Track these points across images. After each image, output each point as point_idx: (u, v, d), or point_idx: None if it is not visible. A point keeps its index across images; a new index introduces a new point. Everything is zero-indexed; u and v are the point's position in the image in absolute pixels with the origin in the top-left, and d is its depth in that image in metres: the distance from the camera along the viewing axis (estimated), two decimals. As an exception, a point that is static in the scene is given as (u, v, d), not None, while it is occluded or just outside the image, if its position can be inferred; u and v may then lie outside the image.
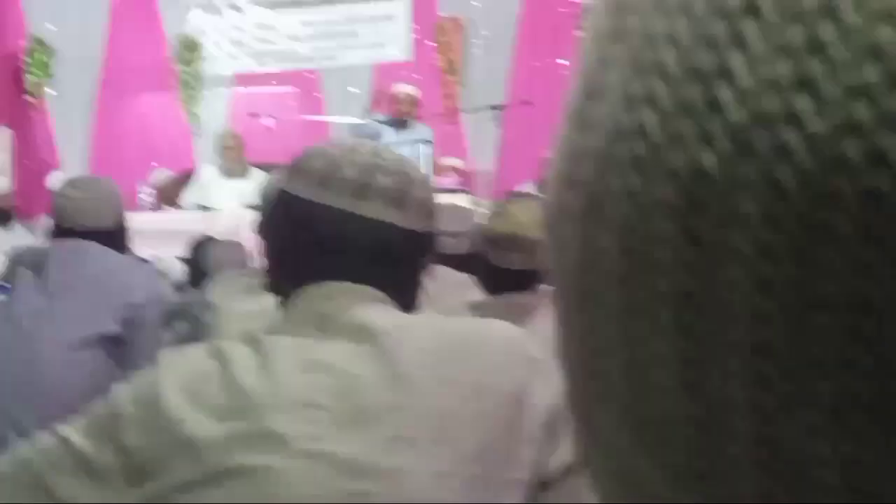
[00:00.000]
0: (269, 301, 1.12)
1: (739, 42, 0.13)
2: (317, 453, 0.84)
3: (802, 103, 0.12)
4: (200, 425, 0.87)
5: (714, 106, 0.13)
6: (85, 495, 0.87)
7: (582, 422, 0.19)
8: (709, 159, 0.13)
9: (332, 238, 0.93)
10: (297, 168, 0.97)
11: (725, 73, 0.13)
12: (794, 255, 0.13)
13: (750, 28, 0.13)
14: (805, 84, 0.13)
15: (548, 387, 0.89)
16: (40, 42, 5.53)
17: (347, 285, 0.92)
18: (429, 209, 0.97)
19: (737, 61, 0.13)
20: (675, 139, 0.14)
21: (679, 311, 0.14)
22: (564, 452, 0.90)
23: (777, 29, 0.13)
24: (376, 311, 0.92)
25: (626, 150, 0.15)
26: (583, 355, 0.18)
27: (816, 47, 0.13)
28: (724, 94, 0.13)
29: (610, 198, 0.15)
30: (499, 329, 0.99)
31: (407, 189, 0.94)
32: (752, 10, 0.13)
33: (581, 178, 0.16)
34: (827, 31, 0.12)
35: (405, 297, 0.97)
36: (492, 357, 0.93)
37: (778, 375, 0.13)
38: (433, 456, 0.88)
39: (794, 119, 0.13)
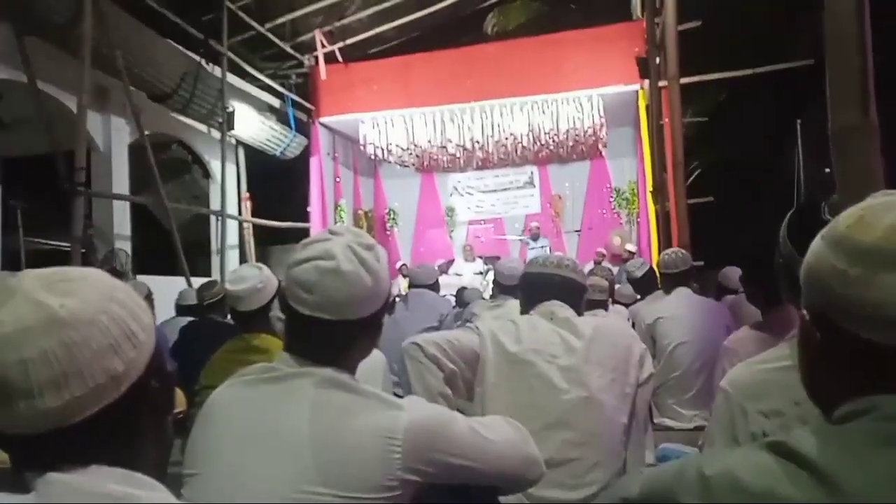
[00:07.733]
0: (498, 311, 2.38)
1: None
2: (553, 361, 1.55)
3: None
4: (509, 344, 1.56)
5: None
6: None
7: None
8: None
9: (550, 285, 1.67)
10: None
11: None
12: None
13: None
14: None
15: (639, 345, 1.64)
16: (393, 210, 9.97)
17: (556, 303, 1.64)
18: (583, 274, 1.69)
19: None
20: None
21: None
22: (645, 372, 1.62)
23: None
24: (569, 313, 1.62)
25: None
26: None
27: None
28: None
29: None
30: (618, 322, 2.61)
31: (574, 265, 1.68)
32: None
33: None
34: None
35: (578, 309, 1.66)
36: (617, 332, 1.64)
37: None
38: (599, 369, 1.55)
39: None
